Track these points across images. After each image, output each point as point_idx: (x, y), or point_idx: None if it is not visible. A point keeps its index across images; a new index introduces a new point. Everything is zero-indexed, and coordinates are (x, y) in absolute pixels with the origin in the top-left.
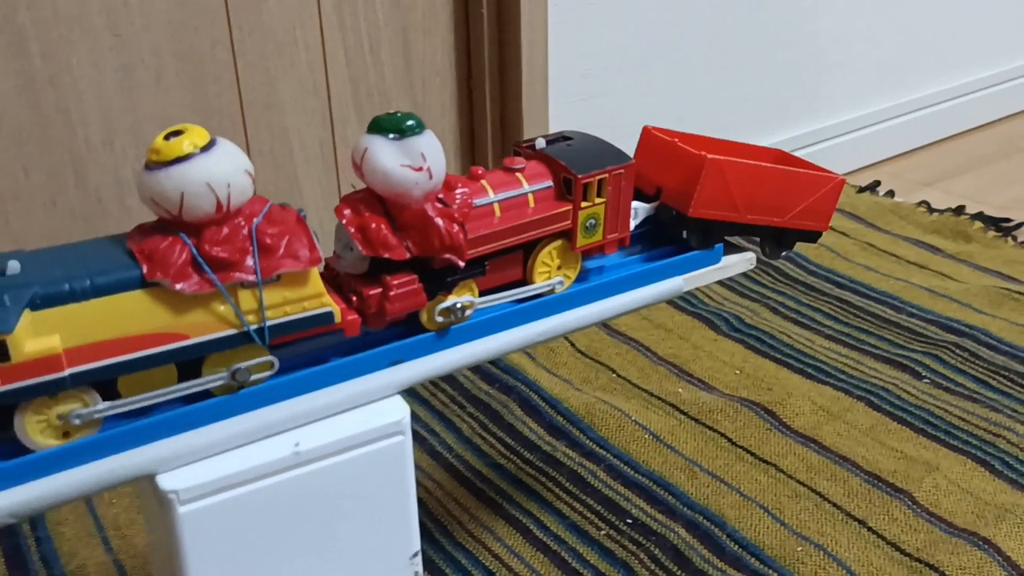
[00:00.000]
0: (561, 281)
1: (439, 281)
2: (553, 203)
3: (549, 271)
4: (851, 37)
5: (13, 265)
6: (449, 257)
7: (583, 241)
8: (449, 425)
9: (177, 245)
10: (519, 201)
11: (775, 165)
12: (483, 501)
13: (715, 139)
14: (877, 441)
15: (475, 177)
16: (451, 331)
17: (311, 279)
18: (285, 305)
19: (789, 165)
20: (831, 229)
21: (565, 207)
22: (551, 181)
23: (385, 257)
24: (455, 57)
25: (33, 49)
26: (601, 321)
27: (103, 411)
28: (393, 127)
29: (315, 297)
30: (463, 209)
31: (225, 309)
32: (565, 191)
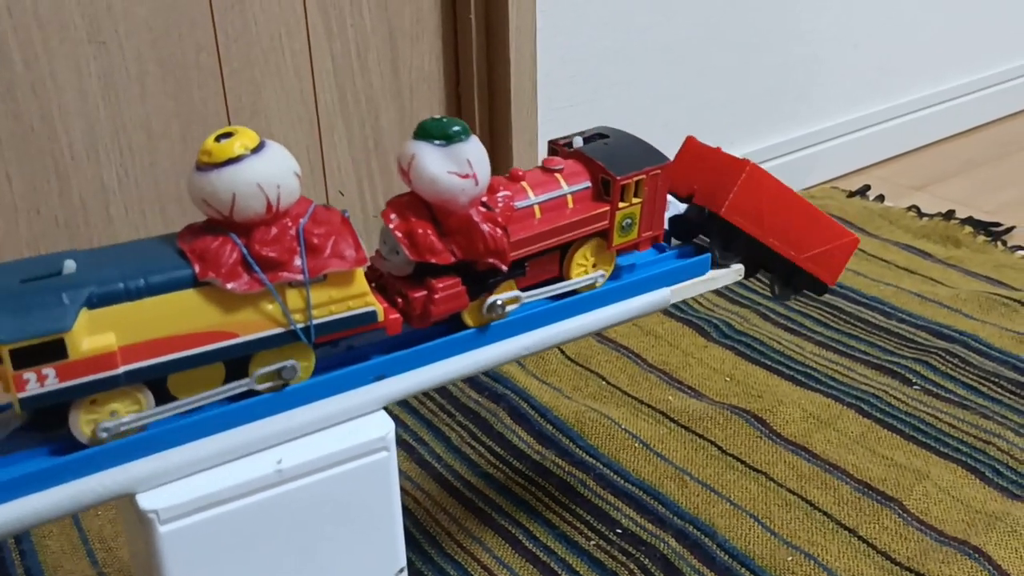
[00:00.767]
0: (603, 274)
1: (481, 283)
2: (591, 204)
3: (585, 268)
4: (841, 41)
5: (69, 265)
6: (493, 262)
7: (619, 240)
8: (438, 434)
9: (228, 245)
10: (558, 202)
11: (803, 198)
12: (472, 511)
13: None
14: (867, 449)
15: (515, 178)
16: (433, 346)
17: (356, 279)
18: (331, 304)
19: None
20: None
21: (603, 208)
22: (589, 181)
23: (431, 262)
24: (443, 63)
25: (15, 56)
26: (587, 335)
27: (147, 417)
28: (440, 133)
29: (360, 296)
30: (506, 212)
31: (273, 308)
32: (603, 191)
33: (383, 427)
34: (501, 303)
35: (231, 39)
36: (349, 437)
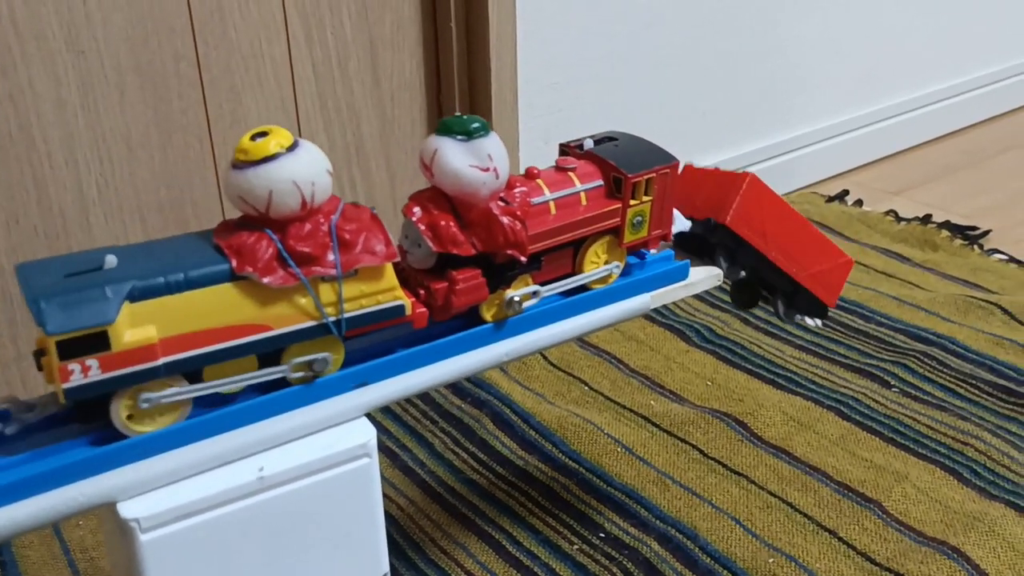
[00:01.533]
0: (618, 265)
1: (500, 276)
2: (604, 201)
3: (597, 265)
4: (818, 49)
5: (110, 259)
6: (512, 253)
7: (630, 237)
8: (421, 440)
9: (263, 240)
10: (573, 199)
11: (801, 215)
12: (455, 517)
13: None
14: (847, 451)
15: (531, 176)
16: (415, 352)
17: (386, 273)
18: (361, 298)
19: None
20: None
21: (615, 205)
22: (601, 180)
23: (453, 253)
24: (424, 71)
25: None
26: (568, 340)
27: (172, 396)
28: (461, 129)
29: (389, 291)
30: (523, 207)
31: (306, 302)
32: (615, 189)
33: (365, 434)
34: (519, 298)
35: (211, 47)
36: (331, 444)
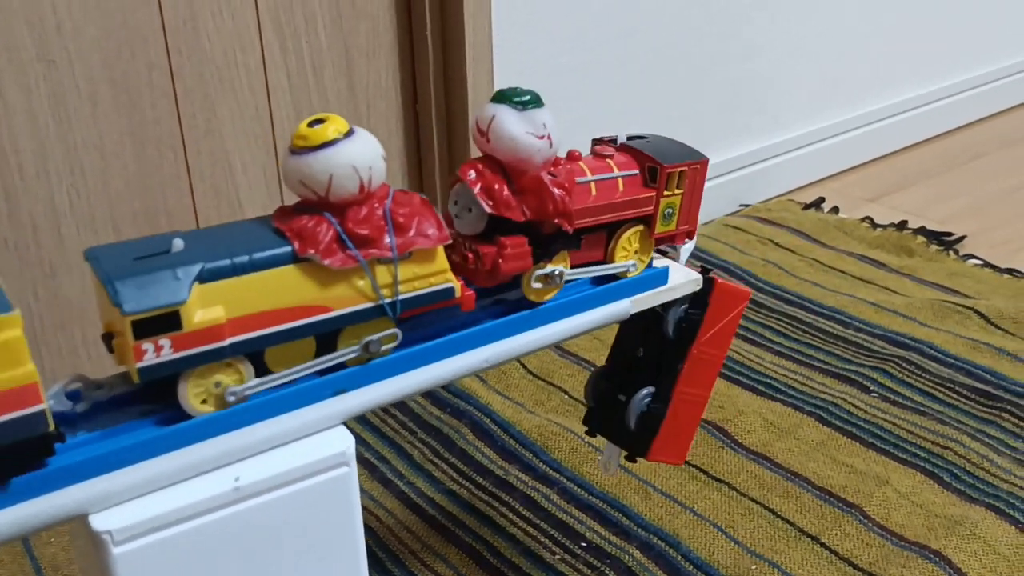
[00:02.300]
0: (635, 264)
1: (544, 247)
2: (640, 188)
3: (628, 254)
4: (794, 56)
5: (177, 243)
6: (560, 222)
7: (661, 228)
8: (400, 452)
9: (324, 224)
10: (611, 184)
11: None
12: (435, 528)
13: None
14: (828, 456)
15: (573, 158)
16: (393, 360)
17: (438, 256)
18: (415, 280)
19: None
20: (779, 247)
21: (650, 193)
22: (637, 169)
23: (505, 217)
24: (400, 80)
25: None
26: (547, 346)
27: (254, 387)
28: (517, 98)
29: (440, 273)
30: (570, 181)
31: (364, 284)
32: (649, 179)
33: (343, 442)
34: (559, 273)
35: (184, 57)
36: (308, 453)
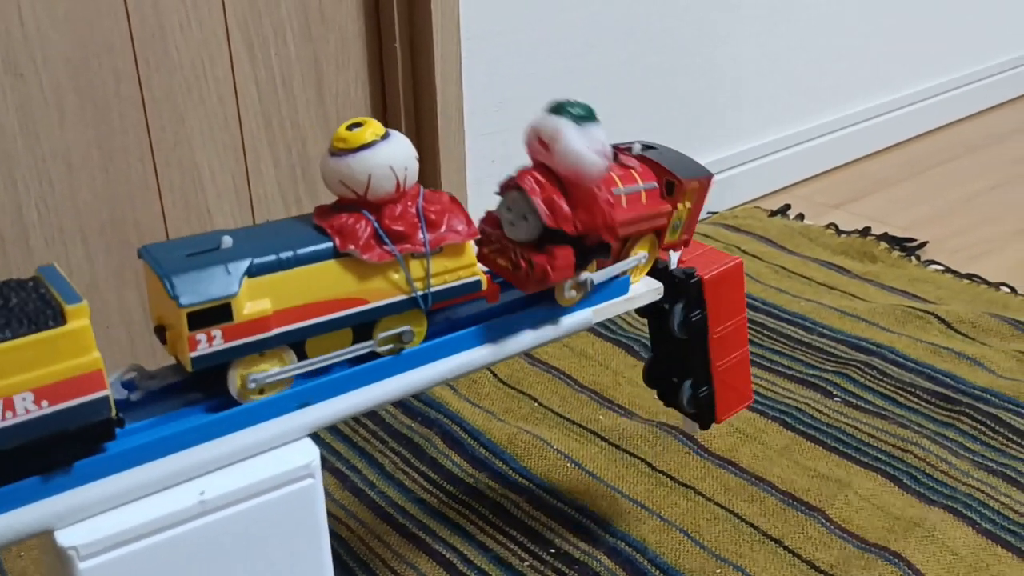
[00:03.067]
0: (645, 256)
1: (582, 258)
2: (659, 201)
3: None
4: (757, 66)
5: (226, 240)
6: (606, 235)
7: (669, 239)
8: (371, 461)
9: (362, 221)
10: (637, 196)
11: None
12: (406, 537)
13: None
14: (791, 460)
15: None
16: (357, 372)
17: (466, 251)
18: (445, 273)
19: None
20: (745, 253)
21: (667, 206)
22: (656, 182)
23: (560, 230)
24: (370, 91)
25: None
26: (509, 357)
27: (293, 371)
28: (577, 113)
29: (469, 267)
30: (611, 194)
31: (399, 277)
32: (666, 191)
33: (308, 454)
34: (590, 280)
35: (152, 68)
36: (273, 465)
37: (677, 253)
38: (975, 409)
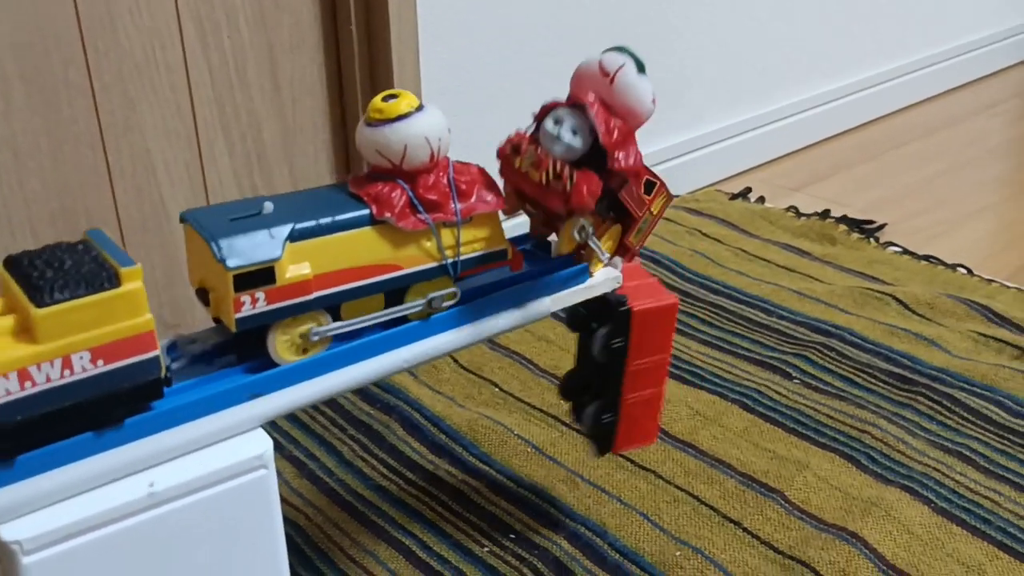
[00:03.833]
0: (607, 256)
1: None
2: (643, 196)
3: (609, 246)
4: (715, 50)
5: (268, 206)
6: (631, 179)
7: (634, 239)
8: (330, 449)
9: (398, 190)
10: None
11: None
12: (365, 524)
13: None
14: (751, 443)
15: None
16: (310, 363)
17: (494, 220)
18: (474, 242)
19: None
20: (706, 236)
21: (646, 201)
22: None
23: (610, 153)
24: (325, 75)
25: None
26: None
27: (334, 329)
28: (638, 61)
29: (496, 236)
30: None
31: (430, 245)
32: (645, 190)
33: (260, 445)
34: (588, 228)
35: (101, 54)
36: (225, 456)
37: (619, 268)
38: (931, 389)
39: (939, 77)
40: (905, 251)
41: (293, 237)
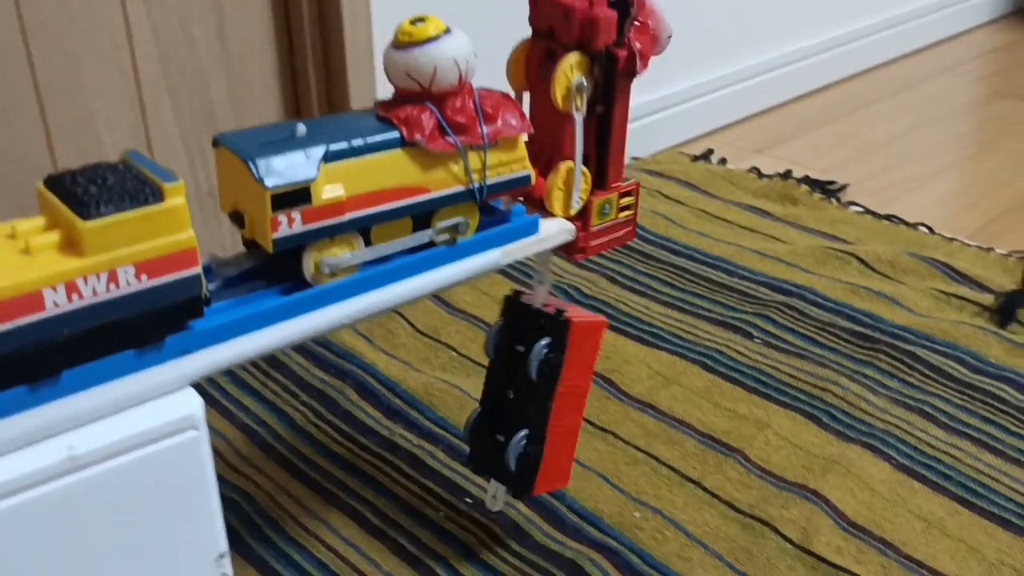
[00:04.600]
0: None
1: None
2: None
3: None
4: (677, 12)
5: (301, 128)
6: (641, 64)
7: (595, 221)
8: (281, 416)
9: (427, 112)
10: None
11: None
12: (317, 492)
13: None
14: (711, 403)
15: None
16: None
17: (519, 144)
18: (500, 166)
19: None
20: (667, 198)
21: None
22: None
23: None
24: (274, 32)
25: None
26: (414, 299)
27: (364, 256)
28: None
29: (520, 160)
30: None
31: (458, 168)
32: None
33: (190, 404)
34: (583, 85)
35: (35, 10)
36: (151, 417)
37: (545, 289)
38: (893, 347)
39: (901, 39)
40: (867, 211)
41: (327, 158)
